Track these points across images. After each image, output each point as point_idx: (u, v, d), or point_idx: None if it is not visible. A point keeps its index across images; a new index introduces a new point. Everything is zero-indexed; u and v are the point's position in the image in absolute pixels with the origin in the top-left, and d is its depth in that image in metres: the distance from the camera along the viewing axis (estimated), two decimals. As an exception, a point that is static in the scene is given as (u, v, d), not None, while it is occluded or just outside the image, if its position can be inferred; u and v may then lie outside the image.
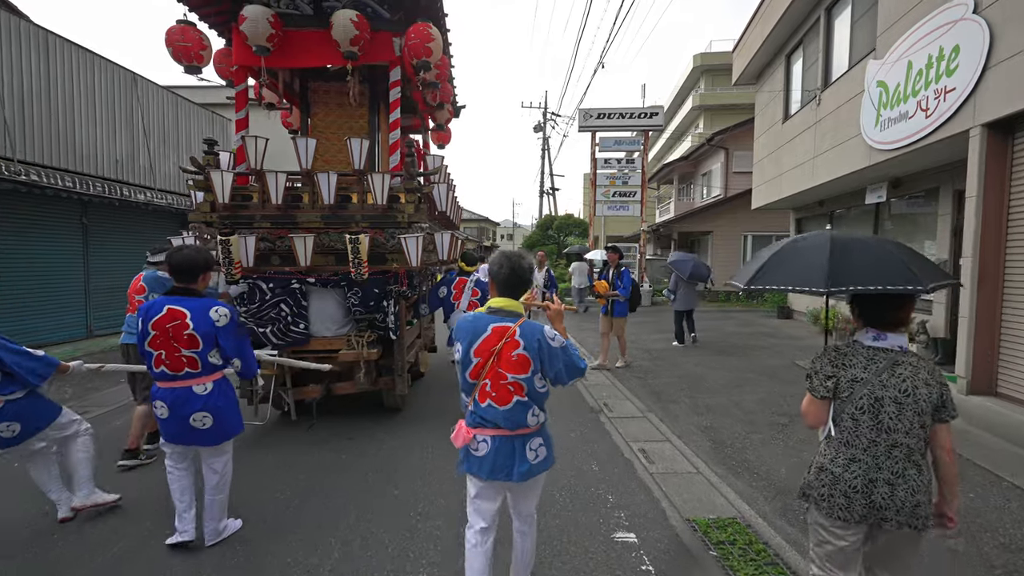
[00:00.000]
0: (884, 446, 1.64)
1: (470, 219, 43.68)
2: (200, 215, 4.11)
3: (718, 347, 8.33)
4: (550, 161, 28.57)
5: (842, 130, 7.57)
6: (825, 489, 1.71)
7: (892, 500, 1.61)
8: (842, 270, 1.71)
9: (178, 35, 4.08)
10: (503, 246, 3.67)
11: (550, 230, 22.88)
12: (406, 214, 4.21)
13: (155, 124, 8.86)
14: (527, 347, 1.88)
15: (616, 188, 15.73)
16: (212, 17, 4.58)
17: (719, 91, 35.93)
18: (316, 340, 4.34)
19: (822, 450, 1.79)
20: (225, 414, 2.63)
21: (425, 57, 4.17)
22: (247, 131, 4.45)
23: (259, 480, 3.53)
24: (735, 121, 19.05)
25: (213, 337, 2.57)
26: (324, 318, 4.37)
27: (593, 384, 6.08)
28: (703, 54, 36.47)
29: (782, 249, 2.00)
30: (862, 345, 1.72)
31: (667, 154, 35.00)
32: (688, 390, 5.80)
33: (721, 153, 18.49)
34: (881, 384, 1.63)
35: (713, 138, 17.98)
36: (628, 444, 4.22)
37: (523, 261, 2.00)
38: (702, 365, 7.06)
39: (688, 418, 4.86)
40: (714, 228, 16.63)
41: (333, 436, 4.36)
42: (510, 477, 1.93)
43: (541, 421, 2.04)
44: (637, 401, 5.42)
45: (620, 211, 15.87)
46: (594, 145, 15.71)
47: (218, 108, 13.26)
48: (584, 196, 37.47)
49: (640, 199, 15.61)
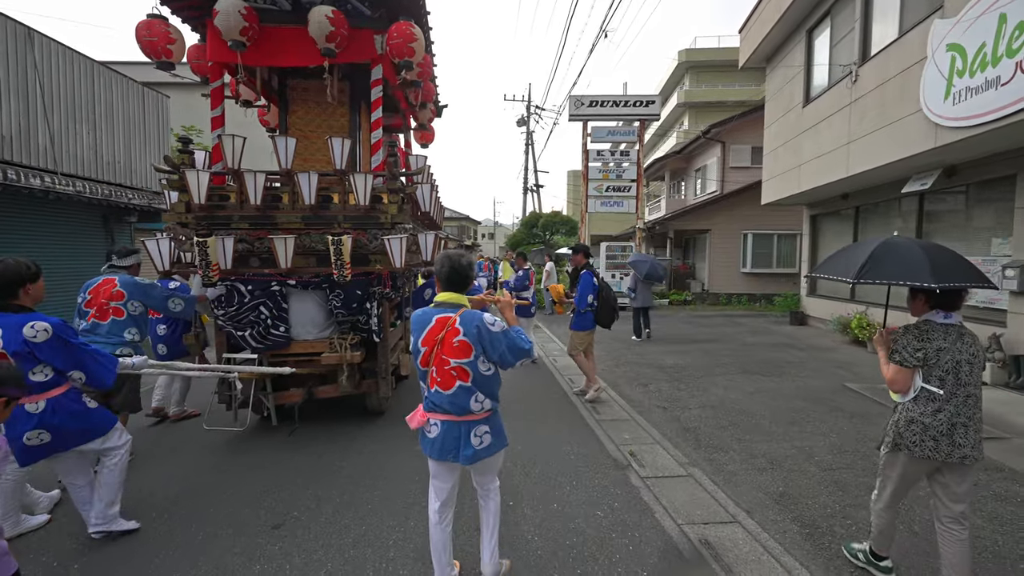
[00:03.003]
0: (962, 397, 2.11)
1: (451, 218, 42.47)
2: (175, 215, 3.97)
3: (743, 364, 7.11)
4: (534, 157, 27.30)
5: (891, 108, 6.43)
6: (916, 436, 2.16)
7: (967, 439, 2.10)
8: (941, 268, 2.10)
9: (144, 29, 3.94)
10: (484, 245, 3.96)
11: (536, 228, 21.59)
12: (389, 215, 4.12)
13: (60, 95, 7.19)
14: (467, 333, 2.06)
15: (609, 182, 14.53)
16: (185, 11, 4.38)
17: (704, 88, 35.36)
18: (297, 343, 4.25)
19: (908, 407, 2.21)
20: (65, 428, 2.54)
21: (408, 57, 4.08)
22: (223, 129, 4.34)
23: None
24: (720, 118, 18.08)
25: (29, 354, 2.40)
26: (305, 321, 4.28)
27: (608, 420, 4.77)
28: (688, 50, 35.83)
29: (876, 249, 2.30)
30: (936, 323, 2.18)
31: (651, 152, 34.09)
32: (732, 429, 4.53)
33: (717, 147, 17.46)
34: (958, 350, 2.12)
35: (709, 131, 16.92)
36: (683, 530, 2.90)
37: (462, 260, 2.21)
38: (734, 388, 5.82)
39: (749, 478, 3.58)
40: (712, 226, 15.55)
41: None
42: (457, 459, 2.13)
43: (487, 408, 2.16)
44: (671, 448, 4.12)
45: (613, 207, 14.67)
46: (585, 135, 14.49)
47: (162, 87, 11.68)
48: (569, 193, 36.34)
49: (635, 194, 14.43)
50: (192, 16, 4.43)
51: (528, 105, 26.87)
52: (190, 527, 2.92)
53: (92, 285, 3.58)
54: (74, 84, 7.52)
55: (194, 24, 4.55)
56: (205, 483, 3.48)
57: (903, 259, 2.19)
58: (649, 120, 14.67)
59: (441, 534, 2.24)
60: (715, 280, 15.64)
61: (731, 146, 17.14)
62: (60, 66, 7.29)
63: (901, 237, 2.37)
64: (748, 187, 14.97)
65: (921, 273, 2.08)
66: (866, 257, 2.26)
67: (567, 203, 32.03)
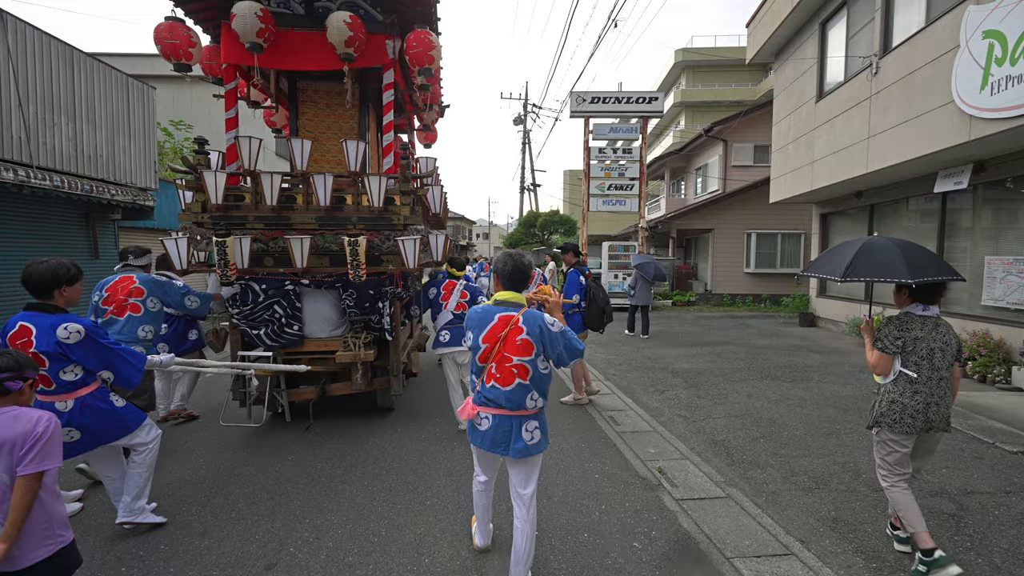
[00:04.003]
0: (936, 380, 2.39)
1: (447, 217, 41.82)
2: (190, 215, 4.00)
3: (761, 368, 6.79)
4: (531, 156, 26.94)
5: (919, 100, 6.13)
6: (896, 415, 2.44)
7: (938, 415, 2.41)
8: (917, 265, 2.35)
9: (166, 32, 3.94)
10: (479, 245, 4.31)
11: (534, 227, 21.25)
12: (402, 216, 4.17)
13: (36, 83, 6.72)
14: (530, 332, 2.13)
15: (611, 180, 14.20)
16: (200, 13, 4.36)
17: (701, 87, 35.19)
18: (311, 341, 4.29)
19: (889, 388, 2.49)
20: (94, 428, 2.58)
21: (428, 64, 4.14)
22: (238, 130, 4.41)
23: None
24: (717, 118, 17.79)
25: (61, 355, 2.44)
26: (319, 319, 4.33)
27: (628, 432, 4.41)
28: (685, 49, 35.70)
29: (859, 249, 2.53)
30: (915, 315, 2.46)
31: (647, 152, 33.84)
32: (765, 441, 4.20)
33: (719, 146, 17.17)
34: (933, 339, 2.39)
35: (712, 128, 16.62)
36: (734, 565, 2.54)
37: (523, 259, 2.30)
38: (757, 396, 5.49)
39: (795, 499, 3.23)
40: (715, 226, 15.26)
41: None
42: (507, 452, 2.18)
43: (539, 406, 2.23)
44: (703, 464, 3.77)
45: (615, 206, 14.35)
46: (587, 133, 14.16)
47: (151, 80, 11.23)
48: (565, 193, 36.03)
49: (638, 192, 14.11)
50: (207, 18, 4.41)
51: (525, 103, 26.52)
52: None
53: (109, 283, 3.61)
54: (52, 72, 7.04)
55: (206, 26, 4.54)
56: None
57: (884, 258, 2.42)
58: (652, 117, 14.36)
59: (485, 497, 2.51)
60: (718, 280, 15.36)
61: (733, 144, 16.86)
62: (36, 53, 6.81)
63: (881, 237, 2.60)
64: (752, 186, 14.70)
65: (900, 270, 2.32)
66: (851, 257, 2.48)
67: (564, 203, 31.70)
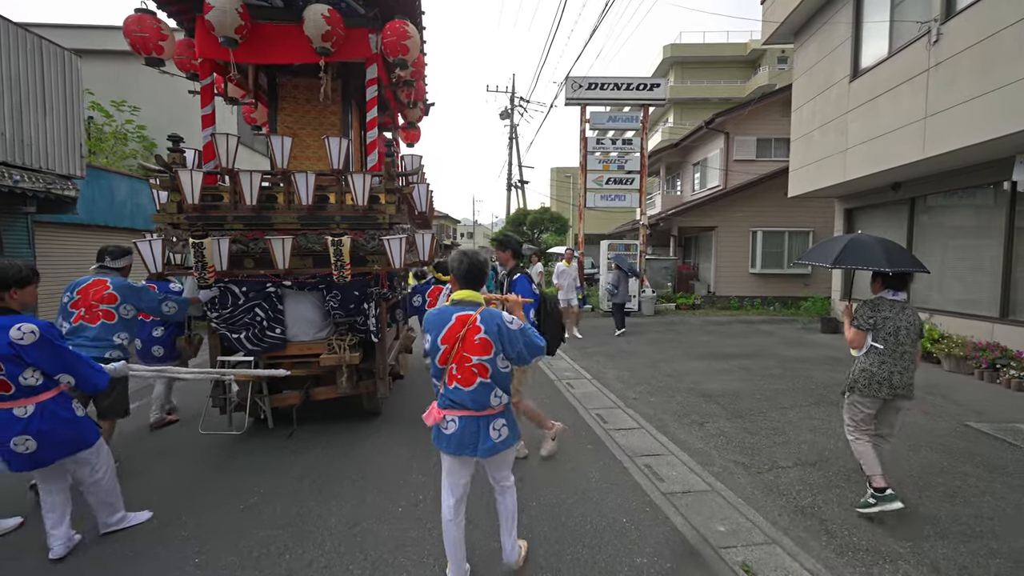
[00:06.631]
0: (899, 353, 2.89)
1: (429, 215, 40.67)
2: (166, 216, 3.85)
3: (808, 389, 5.72)
4: (519, 151, 25.78)
5: (999, 70, 5.14)
6: (865, 381, 2.95)
7: (902, 382, 2.89)
8: (893, 258, 2.90)
9: (134, 25, 3.80)
10: (464, 244, 1.92)
11: (523, 226, 20.10)
12: (387, 215, 4.05)
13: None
14: (487, 331, 2.08)
15: (610, 173, 13.12)
16: (173, 6, 4.18)
17: (690, 84, 34.51)
18: (294, 345, 4.18)
19: (861, 359, 3.00)
20: (53, 437, 2.46)
21: (402, 55, 4.05)
22: (214, 127, 4.22)
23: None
24: (705, 114, 16.87)
25: (16, 356, 2.33)
26: (301, 322, 4.20)
27: (679, 493, 3.26)
28: (674, 44, 35.01)
29: (847, 243, 3.05)
30: (886, 299, 2.96)
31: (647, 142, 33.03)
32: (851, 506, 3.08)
33: (720, 139, 16.23)
34: (899, 319, 2.90)
35: (713, 120, 15.67)
36: None
37: (479, 256, 2.24)
38: (824, 431, 4.38)
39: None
40: (719, 223, 14.30)
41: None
42: (475, 453, 2.14)
43: (504, 403, 2.19)
44: (800, 552, 2.63)
45: (614, 201, 13.28)
46: (584, 122, 13.04)
47: (92, 56, 9.83)
48: (553, 191, 34.98)
49: (639, 187, 13.06)
50: (180, 11, 4.23)
51: (512, 96, 25.37)
52: None
53: (80, 285, 3.43)
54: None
55: (180, 19, 4.36)
56: None
57: (867, 250, 2.95)
58: (653, 105, 13.31)
59: (456, 530, 2.27)
60: (722, 281, 14.40)
61: (735, 137, 15.93)
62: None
63: (865, 235, 3.12)
64: (758, 180, 13.79)
65: (880, 261, 2.87)
66: (840, 249, 3.02)
67: (552, 200, 30.64)
